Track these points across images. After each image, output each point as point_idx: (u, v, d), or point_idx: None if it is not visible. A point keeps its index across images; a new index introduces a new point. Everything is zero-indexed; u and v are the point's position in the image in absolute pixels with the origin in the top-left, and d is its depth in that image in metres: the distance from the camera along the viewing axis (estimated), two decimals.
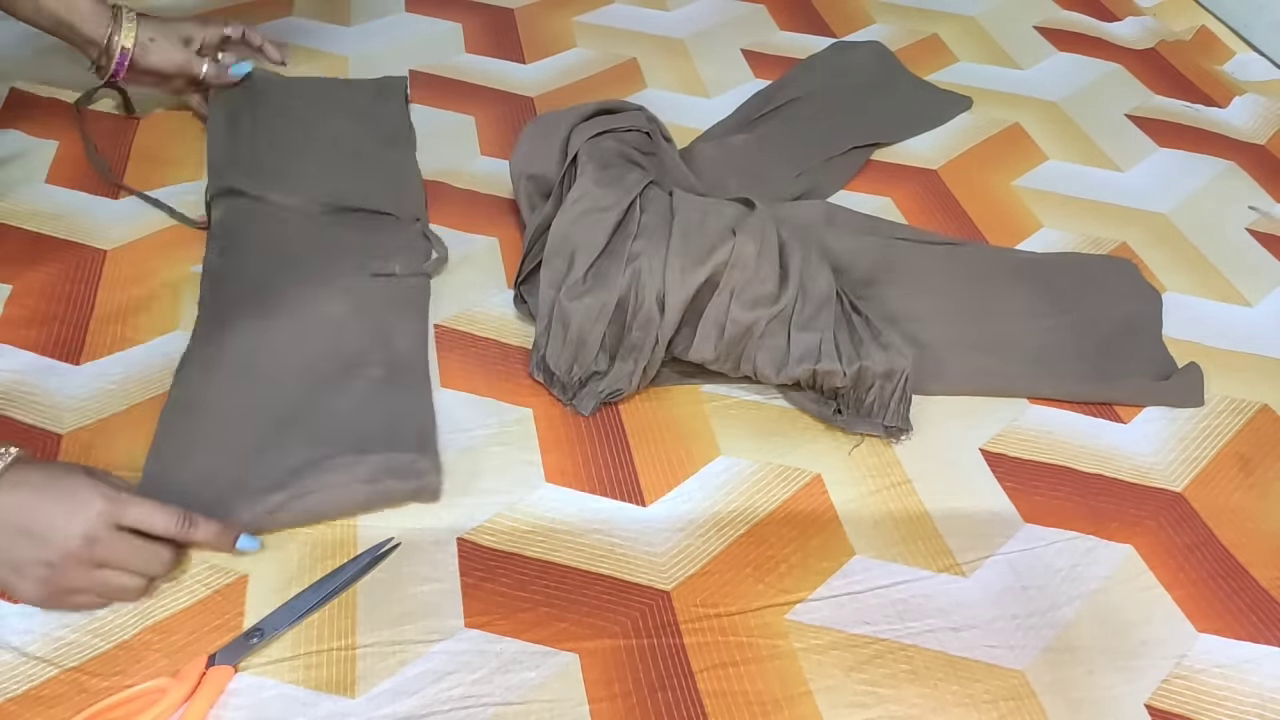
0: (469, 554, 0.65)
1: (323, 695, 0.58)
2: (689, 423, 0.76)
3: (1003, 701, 0.61)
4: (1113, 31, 1.30)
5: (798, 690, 0.60)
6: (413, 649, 0.60)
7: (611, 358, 0.75)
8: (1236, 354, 0.86)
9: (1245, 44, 1.31)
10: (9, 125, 0.95)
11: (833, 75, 1.14)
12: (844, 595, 0.66)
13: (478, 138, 1.01)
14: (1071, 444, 0.77)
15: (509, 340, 0.80)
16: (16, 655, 0.58)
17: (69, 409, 0.71)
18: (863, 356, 0.73)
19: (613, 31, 1.20)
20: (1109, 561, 0.69)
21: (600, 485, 0.71)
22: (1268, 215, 1.02)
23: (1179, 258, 0.95)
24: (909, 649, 0.63)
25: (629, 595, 0.64)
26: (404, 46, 1.13)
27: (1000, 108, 1.13)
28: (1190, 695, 0.62)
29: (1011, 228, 0.97)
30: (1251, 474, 0.76)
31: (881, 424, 0.75)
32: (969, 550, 0.69)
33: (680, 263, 0.74)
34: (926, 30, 1.27)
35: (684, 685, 0.60)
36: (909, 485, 0.73)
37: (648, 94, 1.10)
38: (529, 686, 0.59)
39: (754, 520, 0.69)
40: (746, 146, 1.00)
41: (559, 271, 0.76)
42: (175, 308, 0.79)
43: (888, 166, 1.03)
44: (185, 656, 0.59)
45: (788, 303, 0.75)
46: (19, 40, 1.05)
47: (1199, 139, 1.11)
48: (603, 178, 0.79)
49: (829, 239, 0.86)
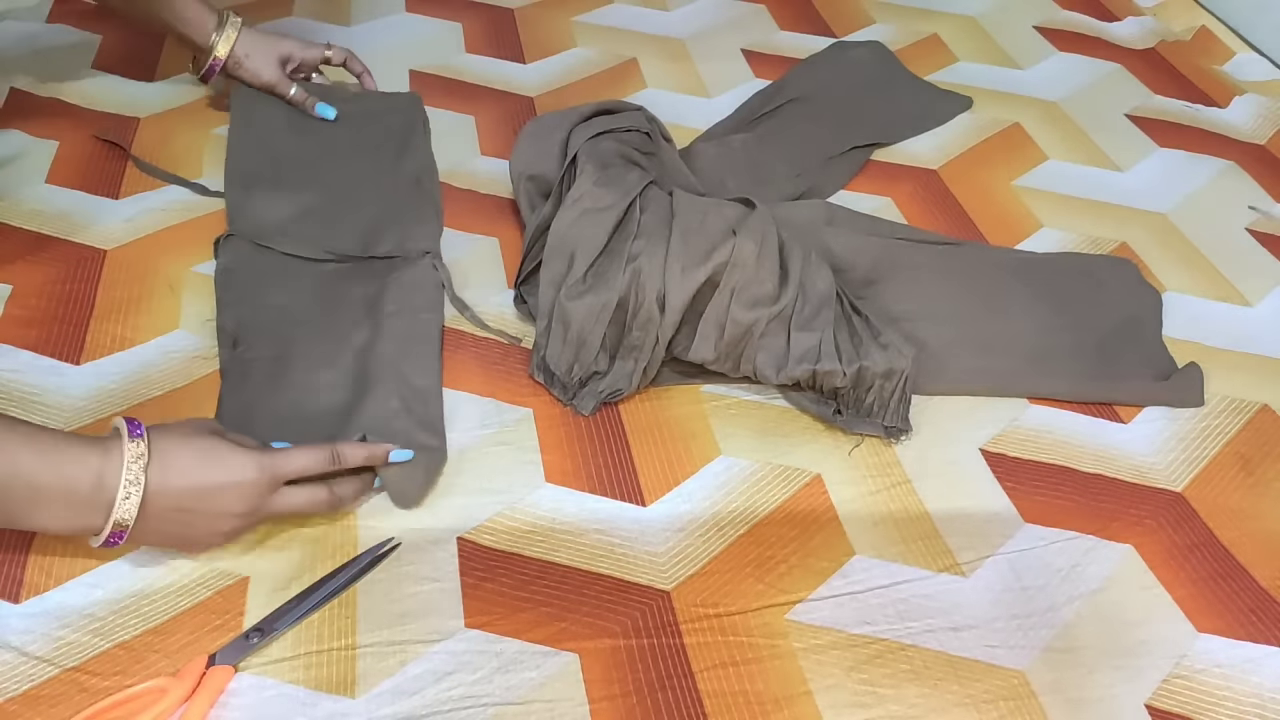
0: (469, 554, 0.65)
1: (323, 695, 0.58)
2: (689, 423, 0.76)
3: (1003, 701, 0.61)
4: (1113, 31, 1.30)
5: (798, 690, 0.60)
6: (413, 649, 0.60)
7: (611, 358, 0.75)
8: (1236, 354, 0.86)
9: (1245, 44, 1.31)
10: (9, 125, 0.95)
11: (833, 75, 1.14)
12: (844, 595, 0.66)
13: (478, 138, 1.01)
14: (1071, 444, 0.77)
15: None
16: (16, 655, 0.58)
17: (69, 409, 0.71)
18: (862, 356, 0.73)
19: (613, 31, 1.20)
20: (1109, 561, 0.69)
21: (600, 485, 0.71)
22: (1268, 215, 1.02)
23: (1179, 258, 0.95)
24: (909, 649, 0.63)
25: (629, 595, 0.64)
26: (404, 46, 1.13)
27: (1000, 108, 1.13)
28: (1190, 695, 0.62)
29: (1011, 228, 0.97)
30: (1251, 474, 0.76)
31: (881, 424, 0.75)
32: (969, 550, 0.69)
33: (680, 263, 0.74)
34: (926, 30, 1.27)
35: (684, 685, 0.60)
36: (909, 485, 0.73)
37: (648, 94, 1.10)
38: (529, 686, 0.59)
39: (754, 520, 0.69)
40: (746, 146, 1.00)
41: (559, 271, 0.76)
42: (175, 308, 0.79)
43: (888, 166, 1.03)
44: (185, 656, 0.59)
45: (788, 303, 0.75)
46: (19, 40, 1.05)
47: (1199, 139, 1.12)
48: (602, 178, 0.79)
49: (829, 239, 0.86)
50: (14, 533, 0.63)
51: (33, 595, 0.61)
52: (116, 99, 0.99)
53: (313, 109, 0.97)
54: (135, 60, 0.92)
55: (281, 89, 0.96)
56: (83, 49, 1.05)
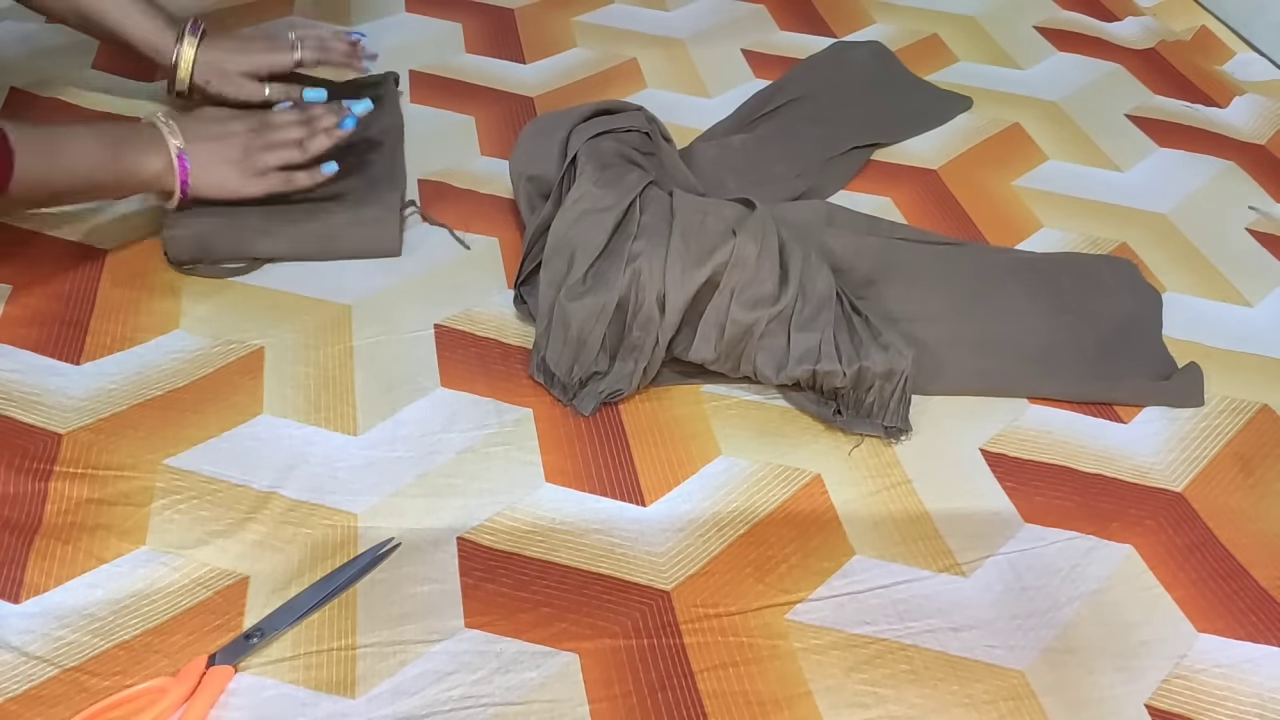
0: (469, 554, 0.65)
1: (323, 695, 0.58)
2: (689, 423, 0.76)
3: (1003, 701, 0.61)
4: (1113, 31, 1.30)
5: (798, 690, 0.60)
6: (413, 649, 0.60)
7: (612, 358, 0.75)
8: (1236, 354, 0.86)
9: (1245, 44, 1.31)
10: None
11: (833, 75, 1.14)
12: (844, 595, 0.66)
13: (478, 138, 1.01)
14: (1071, 444, 0.77)
15: (509, 340, 0.80)
16: (16, 655, 0.58)
17: (69, 409, 0.71)
18: (862, 357, 0.73)
19: (613, 31, 1.20)
20: (1109, 561, 0.69)
21: (600, 485, 0.71)
22: (1268, 215, 1.02)
23: (1179, 258, 0.95)
24: (909, 649, 0.63)
25: (629, 595, 0.64)
26: (404, 46, 1.13)
27: (1000, 108, 1.13)
28: (1190, 695, 0.62)
29: (1011, 228, 0.97)
30: (1251, 474, 0.76)
31: (881, 424, 0.75)
32: (969, 550, 0.69)
33: (680, 263, 0.74)
34: (926, 30, 1.27)
35: (684, 685, 0.60)
36: (909, 485, 0.73)
37: (648, 94, 1.10)
38: (529, 687, 0.59)
39: (754, 520, 0.69)
40: (746, 146, 1.00)
41: (559, 272, 0.76)
42: (175, 308, 0.79)
43: (888, 166, 1.03)
44: (185, 656, 0.59)
45: (788, 303, 0.75)
46: (19, 40, 1.05)
47: (1199, 139, 1.11)
48: (602, 178, 0.79)
49: (829, 239, 0.86)
50: (14, 533, 0.63)
51: (33, 595, 0.61)
52: (116, 99, 0.99)
53: (301, 97, 0.92)
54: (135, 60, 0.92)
55: (257, 98, 0.92)
56: (83, 49, 1.04)
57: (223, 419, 0.72)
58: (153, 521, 0.65)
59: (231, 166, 0.81)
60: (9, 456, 0.67)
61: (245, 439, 0.71)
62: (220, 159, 0.80)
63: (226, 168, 0.80)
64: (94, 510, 0.65)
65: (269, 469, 0.69)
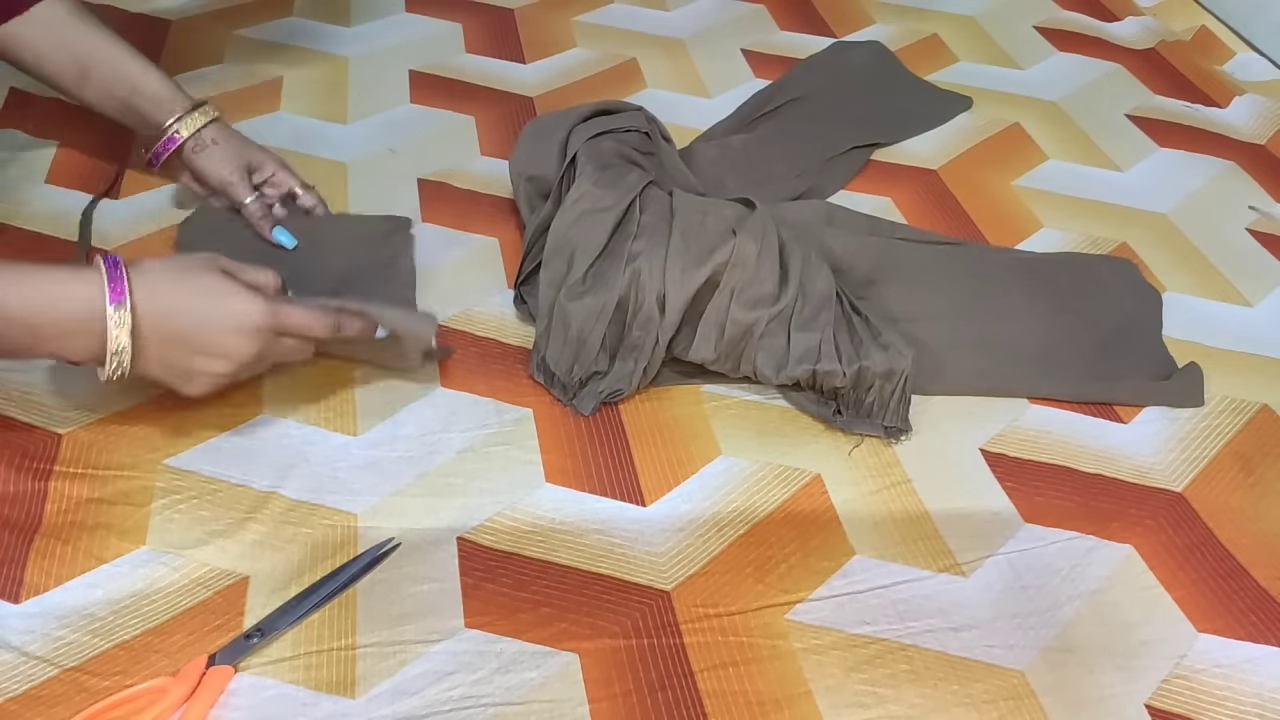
0: (469, 554, 0.65)
1: (323, 695, 0.58)
2: (689, 423, 0.76)
3: (1003, 701, 0.61)
4: (1113, 31, 1.30)
5: (798, 690, 0.60)
6: (413, 649, 0.60)
7: (612, 358, 0.75)
8: (1236, 354, 0.86)
9: (1245, 44, 1.31)
10: (9, 125, 0.95)
11: (833, 75, 1.14)
12: (844, 595, 0.66)
13: (478, 138, 1.01)
14: (1071, 444, 0.77)
15: (509, 340, 0.80)
16: (16, 655, 0.58)
17: (69, 409, 0.71)
18: (862, 357, 0.73)
19: (613, 31, 1.20)
20: (1109, 561, 0.69)
21: (600, 485, 0.71)
22: (1268, 215, 1.02)
23: (1179, 258, 0.95)
24: (909, 649, 0.63)
25: (629, 595, 0.64)
26: (404, 46, 1.13)
27: (1000, 108, 1.13)
28: (1190, 695, 0.62)
29: (1011, 228, 0.97)
30: (1251, 474, 0.76)
31: (881, 424, 0.75)
32: (969, 550, 0.69)
33: (680, 263, 0.74)
34: (926, 30, 1.27)
35: (684, 685, 0.60)
36: (909, 485, 0.73)
37: (648, 94, 1.10)
38: (529, 687, 0.59)
39: (754, 520, 0.69)
40: (746, 146, 1.00)
41: (559, 272, 0.76)
42: None
43: (888, 166, 1.03)
44: (185, 656, 0.59)
45: (788, 303, 0.75)
46: None
47: (1199, 139, 1.11)
48: (602, 178, 0.79)
49: (829, 239, 0.86)
50: (14, 533, 0.63)
51: (33, 595, 0.61)
52: None
53: (268, 232, 0.84)
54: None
55: (237, 192, 0.83)
56: None
57: (223, 419, 0.72)
58: (153, 521, 0.65)
59: (181, 380, 0.66)
60: (9, 456, 0.67)
61: (245, 439, 0.71)
62: (171, 372, 0.65)
63: (174, 379, 0.66)
64: (94, 510, 0.65)
65: (269, 469, 0.69)
